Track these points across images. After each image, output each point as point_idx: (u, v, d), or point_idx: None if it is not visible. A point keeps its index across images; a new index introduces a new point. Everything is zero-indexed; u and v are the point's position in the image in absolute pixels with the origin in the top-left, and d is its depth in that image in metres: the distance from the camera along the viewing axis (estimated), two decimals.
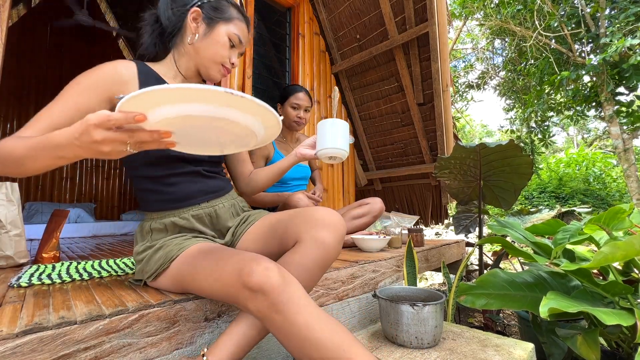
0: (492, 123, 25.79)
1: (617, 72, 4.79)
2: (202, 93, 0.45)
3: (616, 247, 0.74)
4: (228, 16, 0.83)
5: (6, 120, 4.02)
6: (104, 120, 0.46)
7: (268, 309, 0.55)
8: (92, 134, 0.47)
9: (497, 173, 1.54)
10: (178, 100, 0.46)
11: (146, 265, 0.77)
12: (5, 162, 0.56)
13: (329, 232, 0.69)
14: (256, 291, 0.55)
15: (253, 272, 0.56)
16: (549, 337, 0.99)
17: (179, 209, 0.82)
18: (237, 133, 0.56)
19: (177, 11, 0.82)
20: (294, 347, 0.55)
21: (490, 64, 8.54)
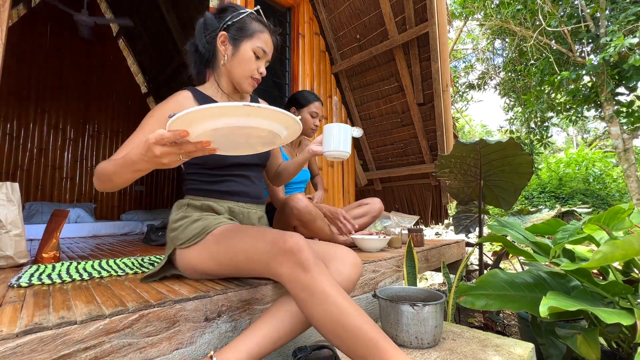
0: (491, 123, 25.80)
1: (617, 72, 4.79)
2: (224, 109, 0.56)
3: (615, 246, 0.74)
4: (251, 32, 0.92)
5: (6, 120, 4.02)
6: (159, 139, 0.58)
7: (298, 267, 0.64)
8: (153, 150, 0.59)
9: (497, 172, 1.54)
10: (208, 118, 0.57)
11: (182, 233, 0.84)
12: (101, 178, 0.73)
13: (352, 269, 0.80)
14: (290, 251, 0.64)
15: (287, 240, 0.66)
16: (547, 338, 0.99)
17: (221, 199, 0.94)
18: (262, 135, 0.67)
19: (210, 37, 0.94)
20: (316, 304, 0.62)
21: (491, 65, 8.54)
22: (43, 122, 4.31)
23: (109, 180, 0.72)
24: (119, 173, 0.69)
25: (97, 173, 0.74)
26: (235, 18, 0.92)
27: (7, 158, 3.98)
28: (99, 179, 0.74)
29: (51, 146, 4.35)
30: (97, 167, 0.75)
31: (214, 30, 0.92)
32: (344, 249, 0.85)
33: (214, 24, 0.93)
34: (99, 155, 4.77)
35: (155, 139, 0.58)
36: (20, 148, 4.10)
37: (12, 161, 4.02)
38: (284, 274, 0.65)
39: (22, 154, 4.11)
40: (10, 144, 4.03)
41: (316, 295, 0.62)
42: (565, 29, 5.13)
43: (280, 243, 0.66)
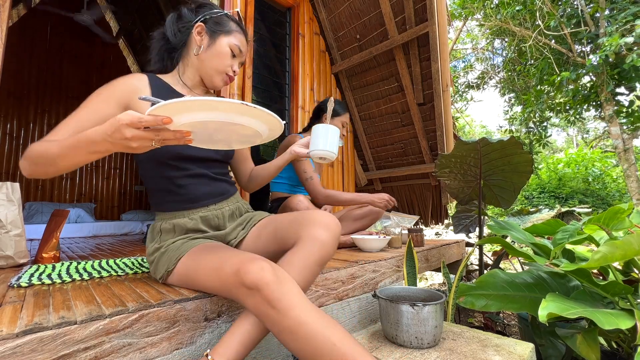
0: (491, 123, 25.79)
1: (617, 72, 4.79)
2: (220, 104, 0.55)
3: (615, 246, 0.74)
4: (228, 29, 0.92)
5: (6, 120, 4.02)
6: (135, 121, 0.54)
7: (263, 305, 0.59)
8: (124, 132, 0.54)
9: (497, 172, 1.54)
10: (203, 110, 0.56)
11: (156, 268, 0.84)
12: (37, 161, 0.64)
13: (325, 231, 0.75)
14: (252, 288, 0.60)
15: (249, 271, 0.60)
16: (547, 339, 0.99)
17: (189, 209, 0.88)
18: (246, 134, 0.67)
19: (183, 27, 0.91)
20: (288, 340, 0.59)
21: (490, 64, 8.54)
22: (43, 122, 4.31)
23: (50, 164, 0.63)
24: (69, 155, 0.61)
25: (32, 156, 0.64)
26: (214, 14, 0.92)
27: (7, 158, 3.98)
28: (34, 163, 0.64)
29: None
30: (30, 149, 0.65)
31: (189, 21, 0.91)
32: (320, 212, 0.81)
33: (189, 15, 0.92)
34: None
35: (130, 120, 0.54)
36: (20, 148, 4.10)
37: (12, 161, 4.02)
38: (251, 307, 0.62)
39: (22, 154, 4.10)
40: (10, 144, 4.03)
41: (287, 333, 0.58)
42: (565, 31, 5.12)
43: (241, 276, 0.61)
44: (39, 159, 0.64)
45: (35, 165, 0.65)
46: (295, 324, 0.57)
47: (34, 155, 0.64)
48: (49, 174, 0.66)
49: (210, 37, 0.90)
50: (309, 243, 0.74)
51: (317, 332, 0.57)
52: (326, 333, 0.57)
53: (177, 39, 0.92)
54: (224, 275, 0.65)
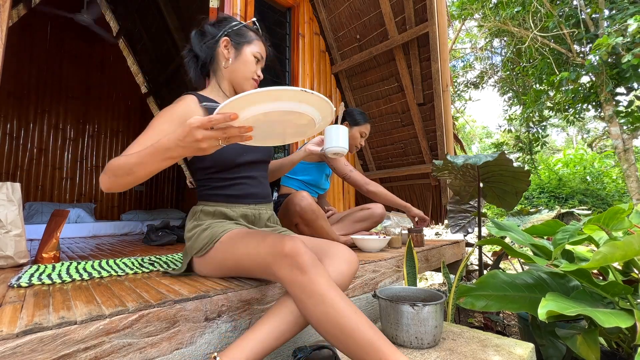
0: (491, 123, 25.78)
1: (617, 72, 4.79)
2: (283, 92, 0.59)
3: (615, 247, 0.74)
4: (249, 39, 1.01)
5: (6, 120, 4.02)
6: (204, 122, 0.59)
7: (296, 269, 0.65)
8: (195, 134, 0.60)
9: (496, 176, 1.54)
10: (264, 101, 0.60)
11: (195, 242, 0.89)
12: (117, 172, 0.71)
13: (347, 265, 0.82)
14: (288, 255, 0.66)
15: (286, 243, 0.68)
16: (547, 338, 0.99)
17: (233, 204, 0.97)
18: (302, 124, 0.71)
19: (209, 43, 1.00)
20: (315, 304, 0.64)
21: (489, 64, 8.54)
22: (43, 122, 4.30)
23: (128, 174, 0.70)
24: (146, 163, 0.68)
25: (112, 168, 0.71)
26: (234, 26, 1.00)
27: (7, 158, 3.98)
28: (114, 174, 0.71)
29: (51, 146, 4.35)
30: (111, 163, 0.72)
31: (214, 37, 0.99)
32: (339, 245, 0.87)
33: (213, 31, 1.00)
34: (99, 155, 4.77)
35: (201, 122, 0.59)
36: (20, 148, 4.10)
37: (12, 161, 4.02)
38: (284, 276, 0.67)
39: (22, 154, 4.10)
40: (10, 144, 4.03)
41: (314, 297, 0.64)
42: (565, 32, 5.13)
43: (279, 247, 0.68)
44: (118, 170, 0.70)
45: (115, 177, 0.71)
46: (319, 292, 0.64)
47: (114, 168, 0.71)
48: (125, 185, 0.72)
49: (237, 49, 0.99)
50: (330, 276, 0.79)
51: (338, 303, 0.63)
52: (344, 305, 0.64)
53: (205, 54, 1.00)
54: (263, 247, 0.72)
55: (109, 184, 0.73)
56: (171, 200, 5.47)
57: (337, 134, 1.02)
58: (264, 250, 0.71)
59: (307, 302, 0.64)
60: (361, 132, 1.81)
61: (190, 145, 0.62)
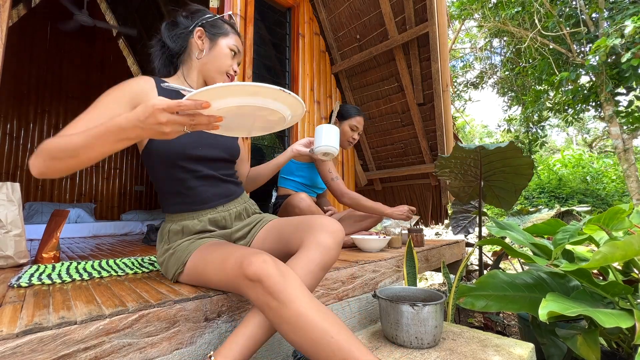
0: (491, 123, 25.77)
1: (617, 72, 4.79)
2: (264, 90, 0.59)
3: (615, 247, 0.74)
4: (225, 31, 0.96)
5: (6, 120, 4.02)
6: (172, 105, 0.55)
7: (265, 296, 0.61)
8: (158, 117, 0.55)
9: (497, 173, 1.54)
10: (240, 95, 0.59)
11: (167, 269, 0.87)
12: (56, 155, 0.61)
13: (329, 236, 0.77)
14: (254, 280, 0.62)
15: (251, 263, 0.63)
16: (548, 337, 0.99)
17: (198, 211, 0.90)
18: (272, 119, 0.70)
19: (181, 33, 0.95)
20: (288, 331, 0.60)
21: (489, 64, 8.54)
22: (43, 122, 4.30)
23: (71, 157, 0.61)
24: (94, 145, 0.60)
25: (49, 149, 0.61)
26: (209, 18, 0.96)
27: (7, 158, 3.98)
28: (52, 157, 0.61)
29: None
30: (46, 144, 0.62)
31: (187, 27, 0.95)
32: (322, 217, 0.83)
33: (186, 22, 0.96)
34: None
35: (168, 105, 0.55)
36: (20, 148, 4.10)
37: (12, 161, 4.02)
38: (253, 299, 0.64)
39: (22, 154, 4.10)
40: (10, 144, 4.03)
41: (287, 323, 0.60)
42: (565, 32, 5.13)
43: (244, 269, 0.63)
44: (58, 153, 0.61)
45: (53, 160, 0.62)
46: (295, 315, 0.59)
47: (52, 149, 0.61)
48: (67, 169, 0.63)
49: (211, 41, 0.94)
50: (313, 248, 0.75)
51: (316, 324, 0.58)
52: (324, 326, 0.59)
53: (177, 45, 0.95)
54: (228, 268, 0.68)
55: (44, 167, 0.63)
56: None
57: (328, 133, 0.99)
58: (230, 272, 0.67)
59: (282, 326, 0.61)
60: (352, 126, 1.77)
61: (151, 128, 0.57)
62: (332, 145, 0.98)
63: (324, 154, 1.00)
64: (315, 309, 0.60)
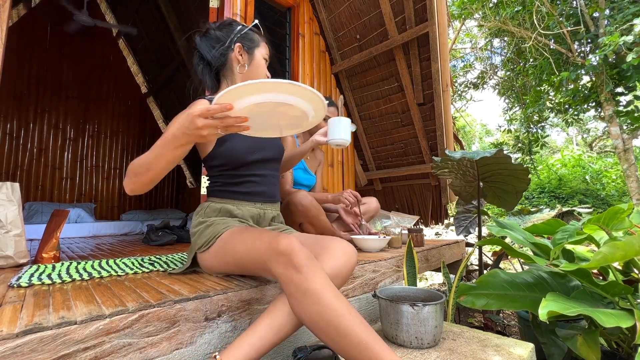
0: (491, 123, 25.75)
1: (617, 72, 4.78)
2: (274, 85, 0.63)
3: (615, 247, 0.74)
4: (257, 42, 1.04)
5: (6, 120, 4.02)
6: (204, 110, 0.63)
7: (291, 268, 0.66)
8: (196, 122, 0.64)
9: (495, 175, 1.54)
10: (256, 92, 0.64)
11: (199, 238, 0.91)
12: (138, 170, 0.74)
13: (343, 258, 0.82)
14: (283, 253, 0.67)
15: (280, 241, 0.68)
16: (548, 337, 0.99)
17: (240, 201, 0.99)
18: (295, 116, 0.74)
19: (222, 49, 1.01)
20: (309, 304, 0.64)
21: (489, 64, 8.54)
22: (43, 122, 4.30)
23: (148, 170, 0.74)
24: (160, 155, 0.72)
25: (133, 168, 0.75)
26: (243, 31, 1.02)
27: (7, 158, 3.98)
28: (136, 174, 0.75)
29: (51, 146, 4.35)
30: (131, 165, 0.75)
31: (224, 43, 1.01)
32: (337, 239, 0.87)
33: (222, 37, 1.01)
34: (98, 155, 4.77)
35: (201, 111, 0.63)
36: (20, 148, 4.10)
37: (12, 161, 4.02)
38: (279, 274, 0.68)
39: (22, 154, 4.10)
40: (10, 144, 4.03)
41: (309, 296, 0.64)
42: (564, 31, 5.13)
43: (274, 244, 0.69)
44: (139, 168, 0.74)
45: (137, 176, 0.75)
46: (318, 289, 0.64)
47: (134, 167, 0.75)
48: (147, 182, 0.76)
49: (249, 54, 1.02)
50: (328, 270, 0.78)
51: (333, 303, 0.63)
52: (340, 306, 0.63)
53: (217, 60, 1.01)
54: (259, 244, 0.73)
55: (132, 184, 0.76)
56: (171, 200, 5.47)
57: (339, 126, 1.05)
58: (260, 248, 0.73)
59: (302, 301, 0.64)
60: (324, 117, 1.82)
61: (193, 133, 0.66)
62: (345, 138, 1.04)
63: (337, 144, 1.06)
64: (335, 294, 0.65)
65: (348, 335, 0.61)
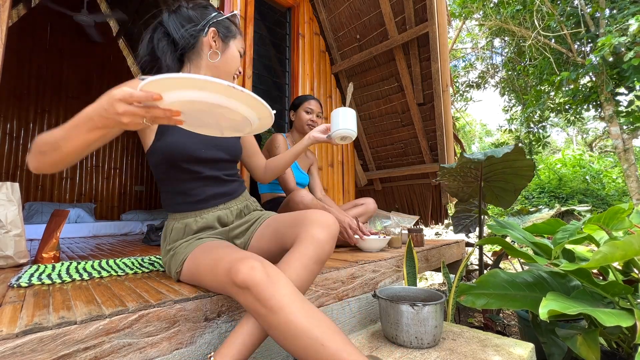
0: (491, 123, 25.74)
1: (617, 72, 4.79)
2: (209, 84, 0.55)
3: (615, 246, 0.74)
4: (234, 33, 0.96)
5: (6, 120, 4.02)
6: (126, 96, 0.54)
7: (254, 303, 0.61)
8: (116, 107, 0.55)
9: (498, 175, 1.54)
10: (189, 87, 0.56)
11: (169, 269, 0.89)
12: (43, 148, 0.63)
13: (323, 230, 0.77)
14: (242, 287, 0.62)
15: (239, 270, 0.62)
16: (549, 336, 0.99)
17: (200, 210, 0.91)
18: (235, 120, 0.66)
19: (192, 31, 0.91)
20: (279, 338, 0.60)
21: (490, 64, 8.54)
22: (43, 122, 4.30)
23: (54, 150, 0.62)
24: (70, 136, 0.61)
25: (37, 144, 0.63)
26: (220, 17, 0.93)
27: (7, 158, 3.98)
28: (40, 151, 0.63)
29: None
30: (36, 139, 0.64)
31: (197, 25, 0.91)
32: (316, 211, 0.82)
33: (196, 18, 0.92)
34: (98, 155, 4.77)
35: (122, 95, 0.54)
36: (20, 148, 4.10)
37: (12, 161, 4.02)
38: (244, 305, 0.64)
39: (22, 154, 4.10)
40: (10, 144, 4.03)
41: (280, 330, 0.59)
42: (565, 31, 5.12)
43: (233, 274, 0.63)
44: (44, 146, 0.63)
45: (42, 154, 0.64)
46: (284, 322, 0.58)
47: (39, 143, 0.63)
48: (53, 163, 0.64)
49: (224, 43, 0.93)
50: (306, 242, 0.75)
51: (305, 331, 0.58)
52: (315, 333, 0.58)
53: (185, 41, 0.91)
54: (218, 274, 0.68)
55: (36, 162, 0.65)
56: None
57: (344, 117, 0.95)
58: (221, 278, 0.68)
59: (274, 332, 0.61)
60: (305, 109, 1.83)
61: (111, 117, 0.56)
62: (350, 128, 0.95)
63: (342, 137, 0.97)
64: (306, 315, 0.59)
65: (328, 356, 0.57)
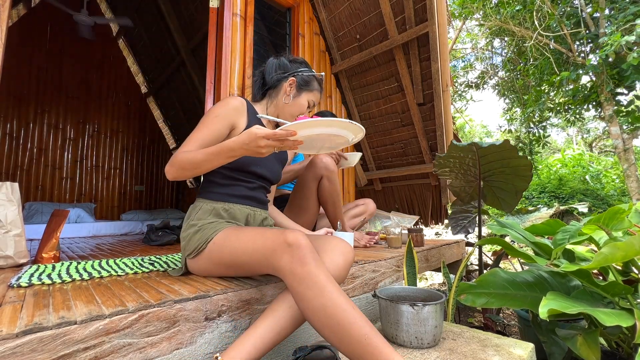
0: (491, 123, 25.74)
1: (617, 72, 4.78)
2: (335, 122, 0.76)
3: (616, 247, 0.74)
4: (312, 87, 1.12)
5: (6, 120, 4.02)
6: (269, 134, 0.74)
7: (296, 261, 0.67)
8: (259, 142, 0.75)
9: (496, 173, 1.54)
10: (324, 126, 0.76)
11: (188, 244, 0.91)
12: (185, 166, 0.83)
13: (341, 257, 0.83)
14: (290, 245, 0.69)
15: (288, 235, 0.71)
16: (549, 336, 0.99)
17: (233, 203, 1.00)
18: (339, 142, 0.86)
19: (279, 75, 1.10)
20: (312, 297, 0.65)
21: (490, 64, 8.53)
22: (43, 122, 4.30)
23: (195, 168, 0.83)
24: (212, 160, 0.81)
25: (179, 163, 0.83)
26: (306, 72, 1.10)
27: (7, 158, 3.98)
28: (182, 168, 0.83)
29: (51, 146, 4.34)
30: (177, 158, 0.83)
31: (285, 72, 1.09)
32: (335, 238, 0.90)
33: (287, 67, 1.10)
34: (98, 155, 4.77)
35: (266, 134, 0.73)
36: (20, 148, 4.10)
37: (12, 161, 4.02)
38: (283, 266, 0.69)
39: (22, 154, 4.10)
40: (10, 144, 4.03)
41: (312, 289, 0.65)
42: (565, 31, 5.12)
43: (282, 237, 0.71)
44: (187, 165, 0.83)
45: (182, 170, 0.84)
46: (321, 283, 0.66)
47: (181, 162, 0.83)
48: (190, 175, 0.85)
49: (297, 91, 1.09)
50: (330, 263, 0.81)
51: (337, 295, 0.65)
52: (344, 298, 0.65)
53: (272, 81, 1.09)
54: (260, 242, 0.75)
55: (176, 174, 0.85)
56: (171, 200, 5.47)
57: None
58: (262, 243, 0.74)
59: (306, 294, 0.65)
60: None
61: (252, 149, 0.76)
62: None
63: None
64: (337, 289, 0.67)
65: (350, 328, 0.62)
